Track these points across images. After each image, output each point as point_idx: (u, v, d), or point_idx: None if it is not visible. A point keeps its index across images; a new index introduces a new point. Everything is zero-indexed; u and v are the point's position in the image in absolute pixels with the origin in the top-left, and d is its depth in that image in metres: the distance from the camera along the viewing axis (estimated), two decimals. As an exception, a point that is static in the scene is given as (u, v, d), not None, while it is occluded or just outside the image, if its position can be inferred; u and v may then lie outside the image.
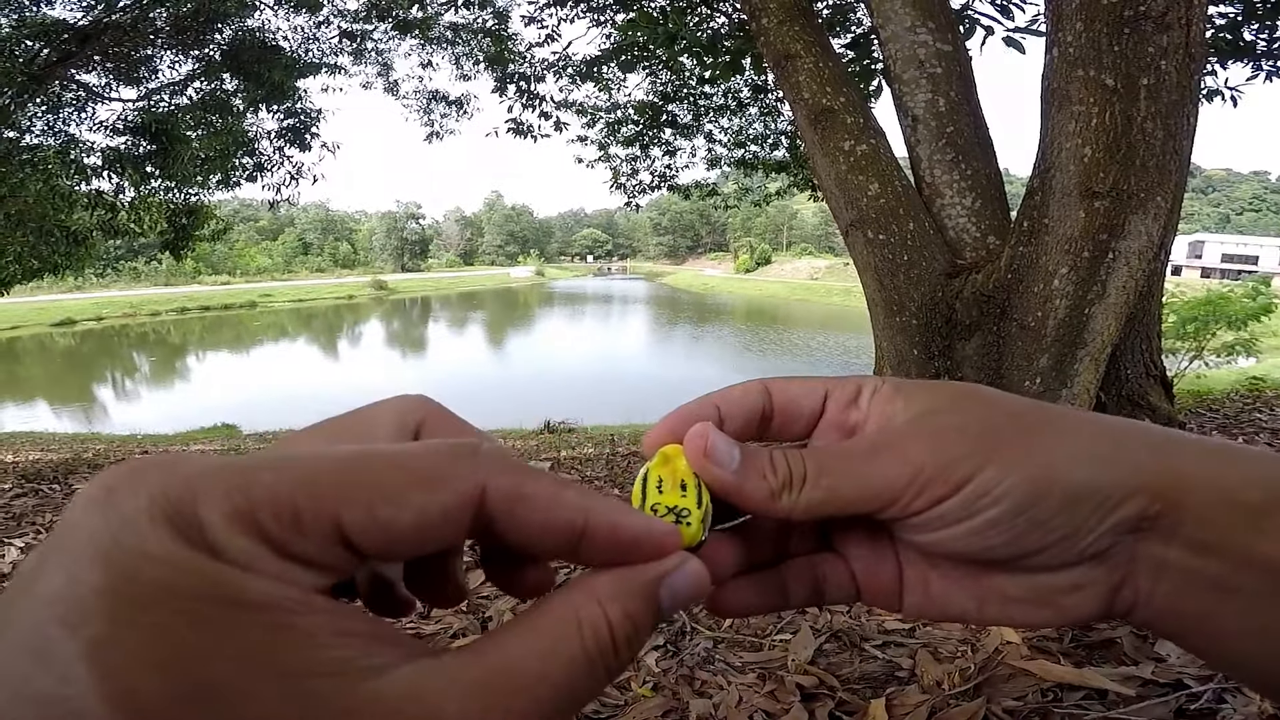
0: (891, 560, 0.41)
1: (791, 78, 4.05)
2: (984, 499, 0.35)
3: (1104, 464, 0.35)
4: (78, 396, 25.56)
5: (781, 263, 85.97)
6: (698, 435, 0.38)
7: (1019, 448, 0.36)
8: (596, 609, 0.28)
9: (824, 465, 0.37)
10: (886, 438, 0.38)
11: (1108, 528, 0.35)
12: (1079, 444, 0.36)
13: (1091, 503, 0.35)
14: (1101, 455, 0.36)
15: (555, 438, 8.63)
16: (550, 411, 11.35)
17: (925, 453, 0.36)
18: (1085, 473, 0.35)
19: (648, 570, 0.30)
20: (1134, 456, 0.36)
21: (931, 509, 0.36)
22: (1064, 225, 3.14)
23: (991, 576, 0.38)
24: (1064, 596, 0.37)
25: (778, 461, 0.37)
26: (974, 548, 0.36)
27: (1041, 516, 0.35)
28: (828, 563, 0.42)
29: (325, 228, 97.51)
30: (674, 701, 1.83)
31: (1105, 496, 0.35)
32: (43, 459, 7.25)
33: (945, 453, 0.36)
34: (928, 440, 0.37)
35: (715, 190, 12.73)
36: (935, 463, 0.36)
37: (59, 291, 50.00)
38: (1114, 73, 2.94)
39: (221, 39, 8.95)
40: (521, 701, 0.25)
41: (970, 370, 3.53)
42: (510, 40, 10.47)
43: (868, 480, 0.36)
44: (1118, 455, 0.36)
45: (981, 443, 0.36)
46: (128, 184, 8.96)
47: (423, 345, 41.92)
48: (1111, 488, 0.35)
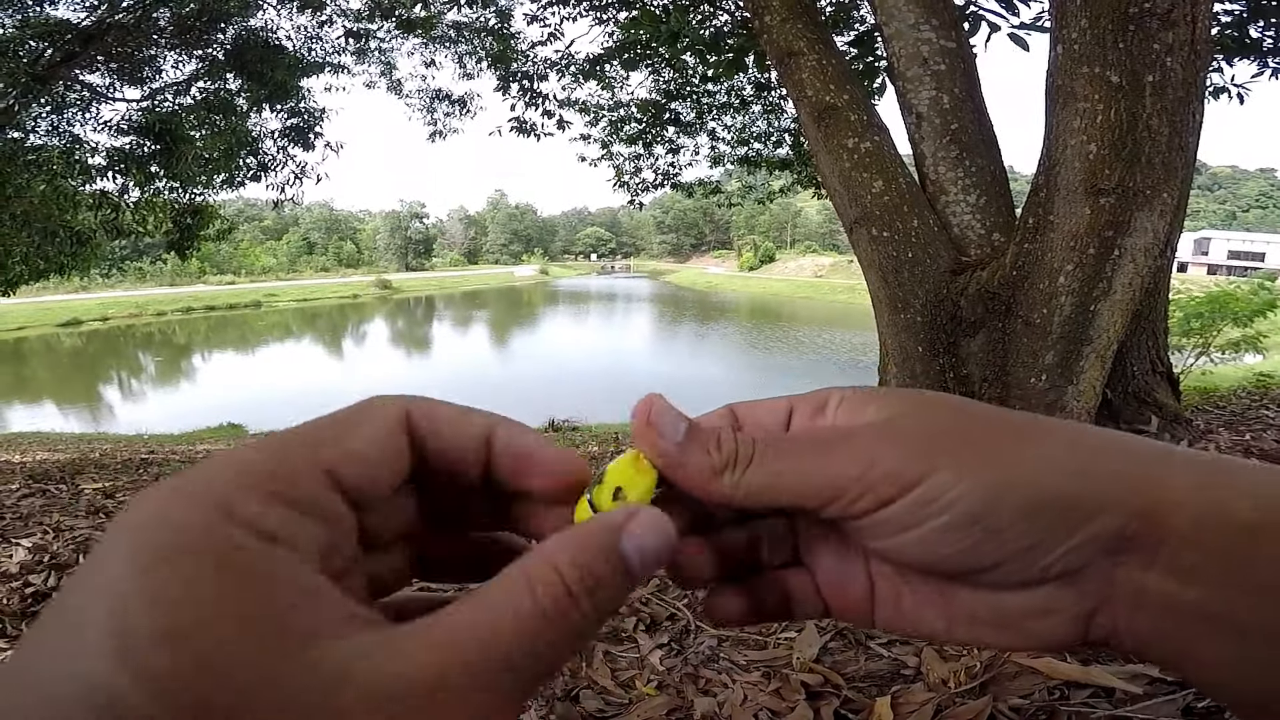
0: (861, 574, 0.39)
1: (794, 75, 4.05)
2: (933, 504, 0.33)
3: (1073, 474, 0.33)
4: (84, 397, 25.65)
5: (785, 260, 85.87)
6: (643, 402, 0.37)
7: (978, 452, 0.34)
8: (545, 566, 0.28)
9: (772, 450, 0.36)
10: (841, 433, 0.37)
11: (1075, 545, 0.32)
12: (1047, 451, 0.34)
13: (1053, 514, 0.32)
14: (1071, 465, 0.33)
15: (559, 436, 8.63)
16: (554, 410, 11.39)
17: (876, 450, 0.34)
18: (1049, 481, 0.33)
19: (601, 524, 0.31)
20: (1109, 467, 0.33)
21: (878, 510, 0.34)
22: (1069, 222, 3.14)
23: (958, 594, 0.36)
24: (1031, 620, 0.35)
25: (724, 438, 0.36)
26: (925, 557, 0.35)
27: (996, 526, 0.33)
28: (795, 577, 0.41)
29: (329, 227, 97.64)
30: (678, 700, 1.82)
31: (1070, 509, 0.32)
32: (50, 459, 7.28)
33: (897, 453, 0.34)
34: (881, 439, 0.35)
35: (719, 188, 12.72)
36: (885, 462, 0.34)
37: (65, 292, 50.14)
38: (1119, 69, 2.93)
39: (225, 38, 8.97)
40: (478, 656, 0.26)
41: (975, 367, 3.53)
42: (513, 39, 10.47)
43: (813, 471, 0.35)
44: (1090, 465, 0.33)
45: (937, 445, 0.34)
46: (132, 184, 8.99)
47: (427, 344, 41.96)
48: (1079, 500, 0.32)
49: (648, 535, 0.30)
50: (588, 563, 0.29)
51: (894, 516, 0.34)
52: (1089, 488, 0.33)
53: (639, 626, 2.25)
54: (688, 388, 21.75)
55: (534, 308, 60.65)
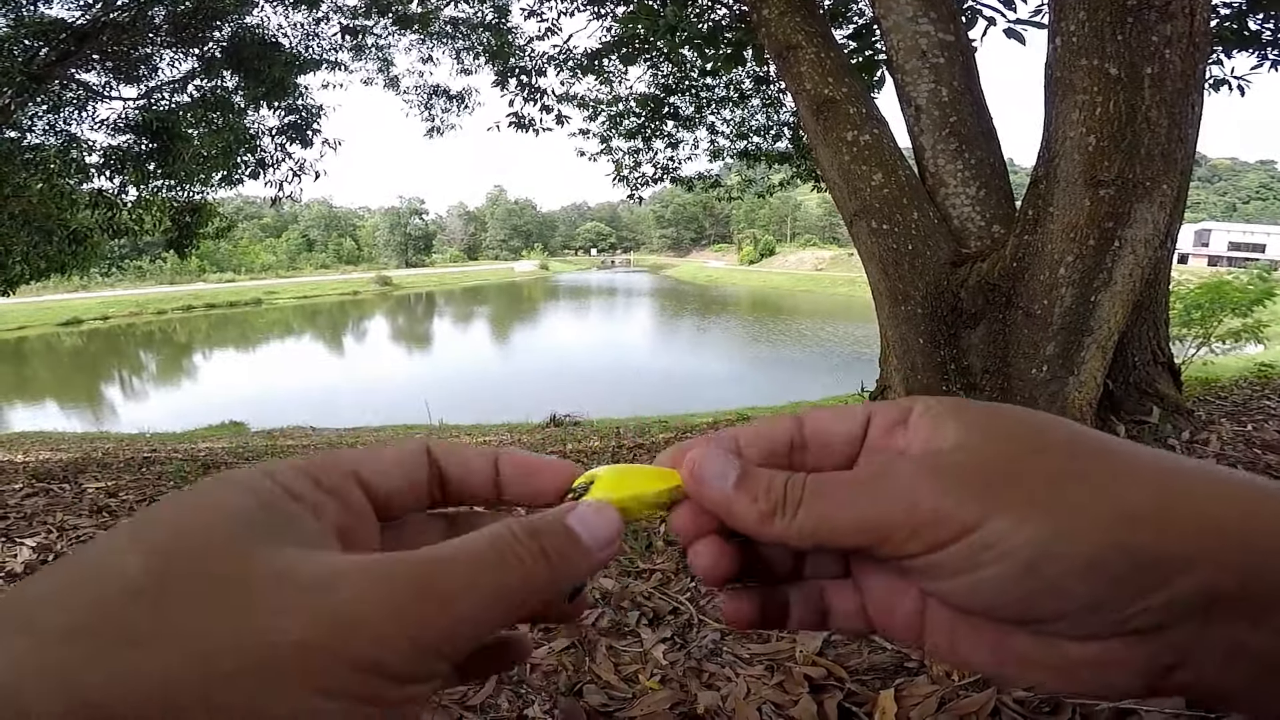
0: (914, 597, 0.38)
1: (793, 69, 4.04)
2: (987, 552, 0.31)
3: (1151, 523, 0.29)
4: (86, 396, 25.68)
5: (785, 254, 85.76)
6: (688, 459, 0.38)
7: (1041, 494, 0.31)
8: (500, 527, 0.32)
9: (821, 491, 0.35)
10: (895, 467, 0.35)
11: (1152, 605, 0.29)
12: (1122, 493, 0.30)
13: (1125, 570, 0.29)
14: (1149, 510, 0.30)
15: (561, 431, 8.64)
16: (556, 405, 11.39)
17: (927, 490, 0.33)
18: (1122, 532, 0.29)
19: (554, 510, 0.35)
20: (1196, 512, 0.29)
21: (928, 554, 0.32)
22: (1069, 213, 3.14)
23: (1014, 635, 0.33)
24: (1095, 669, 0.32)
25: (773, 483, 0.36)
26: (978, 604, 0.33)
27: (1056, 580, 0.30)
28: (839, 591, 0.40)
29: (329, 224, 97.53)
30: (682, 694, 1.83)
31: (1147, 565, 0.29)
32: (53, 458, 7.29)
33: (950, 493, 0.32)
34: (935, 476, 0.33)
35: (718, 182, 12.71)
36: (936, 503, 0.32)
37: (64, 291, 50.08)
38: (1118, 62, 2.93)
39: (221, 36, 8.94)
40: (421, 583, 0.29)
41: (976, 358, 3.53)
42: (510, 34, 10.44)
43: (861, 512, 0.34)
44: (1173, 512, 0.30)
45: (995, 484, 0.32)
46: (129, 183, 8.98)
47: (428, 341, 41.97)
48: (1158, 555, 0.29)
49: (592, 514, 0.35)
50: (540, 528, 0.33)
51: (945, 561, 0.32)
52: (1170, 540, 0.29)
53: (642, 621, 2.25)
54: (689, 382, 21.75)
55: (534, 303, 60.65)
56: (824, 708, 1.69)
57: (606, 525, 0.35)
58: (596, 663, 2.02)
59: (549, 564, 0.32)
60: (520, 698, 1.87)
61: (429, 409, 13.18)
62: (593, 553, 0.34)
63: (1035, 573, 0.30)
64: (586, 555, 0.34)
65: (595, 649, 2.10)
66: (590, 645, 2.13)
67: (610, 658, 2.06)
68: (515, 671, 1.96)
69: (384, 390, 21.68)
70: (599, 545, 0.34)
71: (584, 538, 0.34)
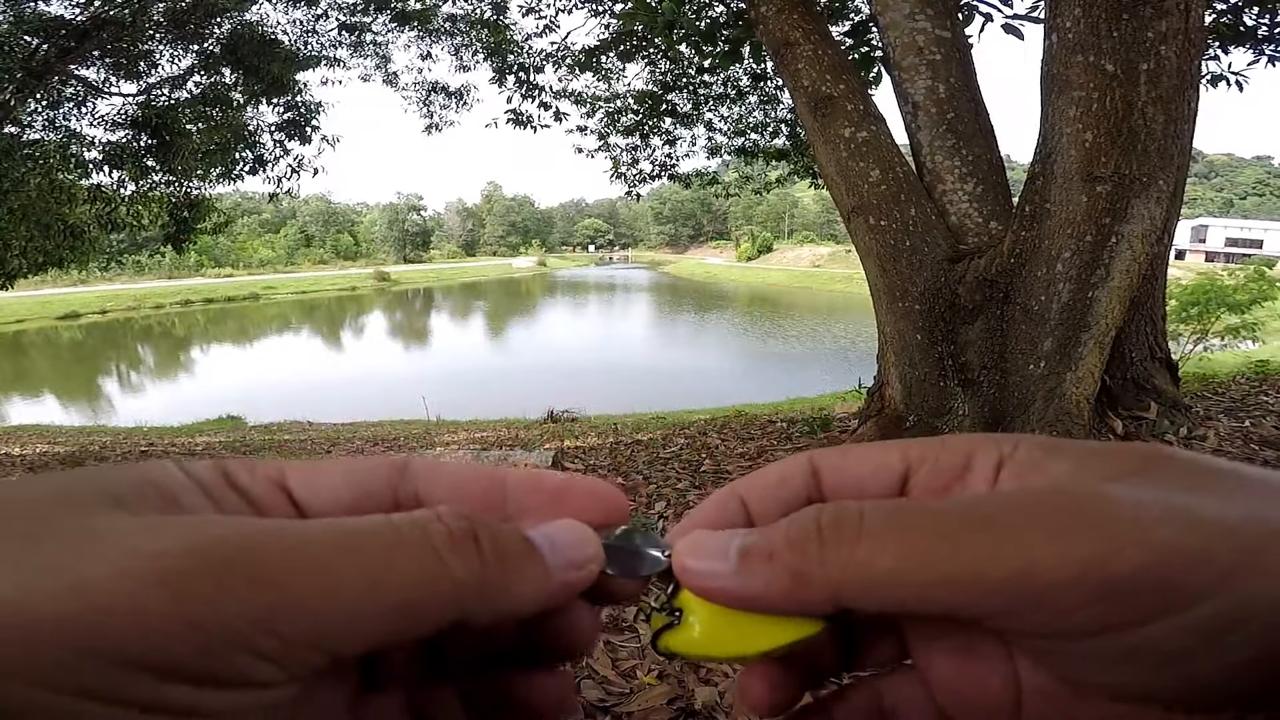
0: (1003, 675, 0.27)
1: (791, 65, 4.05)
2: (1224, 633, 0.22)
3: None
4: (83, 389, 25.63)
5: (783, 250, 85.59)
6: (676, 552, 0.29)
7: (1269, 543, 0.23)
8: (427, 510, 0.26)
9: (901, 521, 0.25)
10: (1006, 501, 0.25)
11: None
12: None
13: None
14: None
15: (559, 427, 8.64)
16: (554, 401, 11.38)
17: (1138, 528, 0.23)
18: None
19: (508, 524, 0.28)
20: None
21: (1107, 634, 0.23)
22: (1066, 209, 3.15)
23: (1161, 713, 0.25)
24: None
25: (797, 524, 0.26)
26: (1129, 683, 0.24)
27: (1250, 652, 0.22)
28: (897, 684, 0.31)
29: (327, 220, 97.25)
30: (679, 689, 1.84)
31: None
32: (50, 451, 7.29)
33: (1157, 548, 0.23)
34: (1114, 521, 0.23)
35: (716, 179, 12.69)
36: (1132, 555, 0.22)
37: (63, 285, 49.99)
38: (1114, 58, 2.93)
39: (220, 33, 8.93)
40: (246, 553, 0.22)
41: (974, 354, 3.54)
42: (508, 31, 10.43)
43: (985, 560, 0.23)
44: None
45: (1236, 541, 0.23)
46: (128, 178, 8.98)
47: (426, 336, 41.90)
48: None
49: (559, 530, 0.28)
50: (490, 521, 0.26)
51: (1136, 644, 0.23)
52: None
53: (639, 617, 2.26)
54: (687, 378, 21.74)
55: (532, 298, 60.55)
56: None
57: (580, 544, 0.28)
58: (594, 658, 2.03)
59: (479, 561, 0.25)
60: (518, 691, 1.88)
61: (426, 404, 13.18)
62: (551, 573, 0.27)
63: (1222, 638, 0.22)
64: (542, 570, 0.26)
65: (593, 643, 2.11)
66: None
67: (608, 653, 2.07)
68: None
69: (381, 385, 21.65)
70: (563, 564, 0.27)
71: (545, 551, 0.27)
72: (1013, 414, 3.45)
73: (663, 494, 3.78)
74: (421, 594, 0.24)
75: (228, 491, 0.27)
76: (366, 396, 18.70)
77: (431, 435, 8.62)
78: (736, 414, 7.60)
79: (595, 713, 1.79)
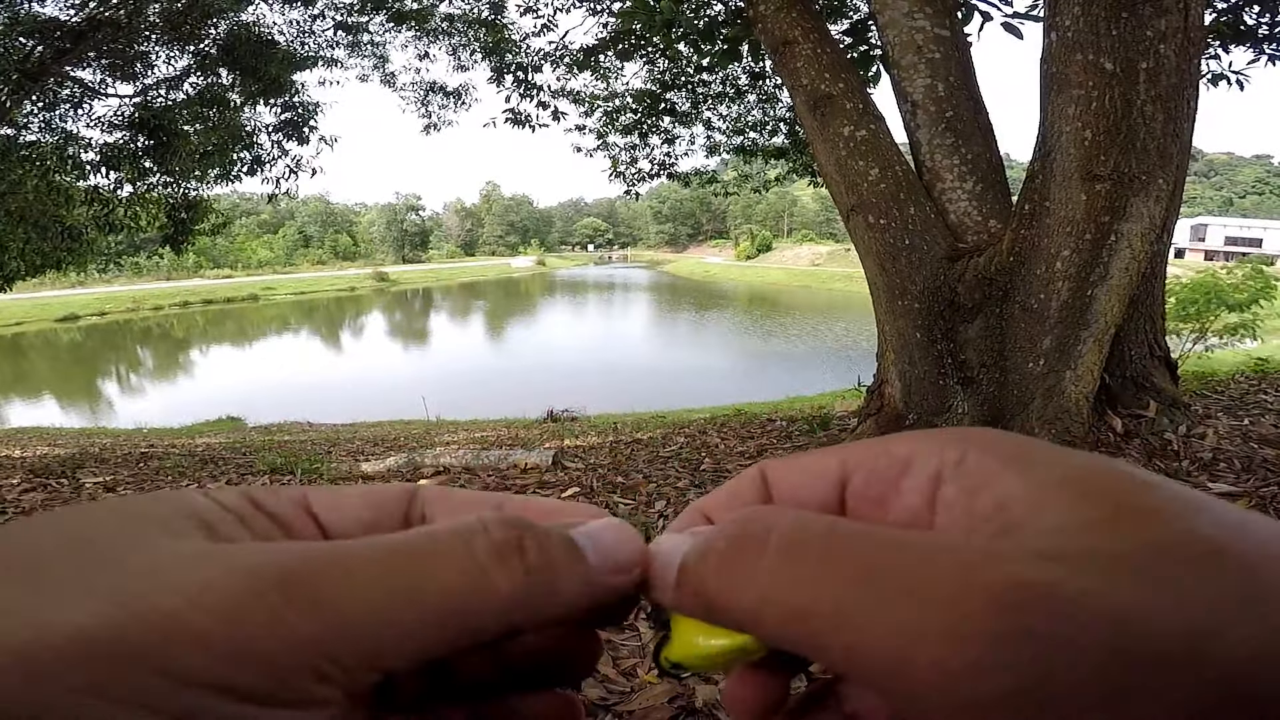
0: None
1: (790, 64, 4.05)
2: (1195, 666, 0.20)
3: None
4: (83, 391, 25.65)
5: (782, 249, 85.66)
6: None
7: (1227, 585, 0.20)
8: (471, 518, 0.26)
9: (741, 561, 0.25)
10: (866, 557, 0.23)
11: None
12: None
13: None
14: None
15: (559, 426, 8.64)
16: (553, 400, 11.39)
17: None
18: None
19: (554, 524, 0.28)
20: None
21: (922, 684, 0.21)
22: (1065, 208, 3.15)
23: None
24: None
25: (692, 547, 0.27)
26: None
27: None
28: (859, 693, 0.30)
29: (325, 220, 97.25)
30: (680, 687, 1.84)
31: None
32: (50, 453, 7.27)
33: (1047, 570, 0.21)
34: None
35: (715, 177, 12.70)
36: None
37: (61, 287, 49.96)
38: (1113, 56, 2.93)
39: (217, 34, 8.93)
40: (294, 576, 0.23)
41: (973, 353, 3.54)
42: (506, 30, 10.42)
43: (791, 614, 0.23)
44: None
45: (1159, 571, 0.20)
46: (125, 179, 8.98)
47: (425, 336, 41.92)
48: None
49: (606, 531, 0.28)
50: (531, 525, 0.26)
51: None
52: None
53: (640, 615, 2.25)
54: (687, 377, 21.76)
55: (531, 298, 60.59)
56: (821, 700, 1.70)
57: (624, 545, 0.28)
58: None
59: (524, 571, 0.25)
60: (519, 692, 1.88)
61: (426, 404, 13.19)
62: (594, 574, 0.26)
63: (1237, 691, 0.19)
64: (586, 576, 0.26)
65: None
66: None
67: (609, 651, 2.07)
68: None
69: (381, 385, 21.68)
70: (608, 568, 0.27)
71: (589, 554, 0.26)
72: (1012, 412, 3.45)
73: (663, 493, 3.78)
74: (467, 606, 0.24)
75: (257, 515, 0.28)
76: (366, 397, 18.73)
77: (431, 435, 8.61)
78: (736, 413, 7.60)
79: (597, 711, 1.79)
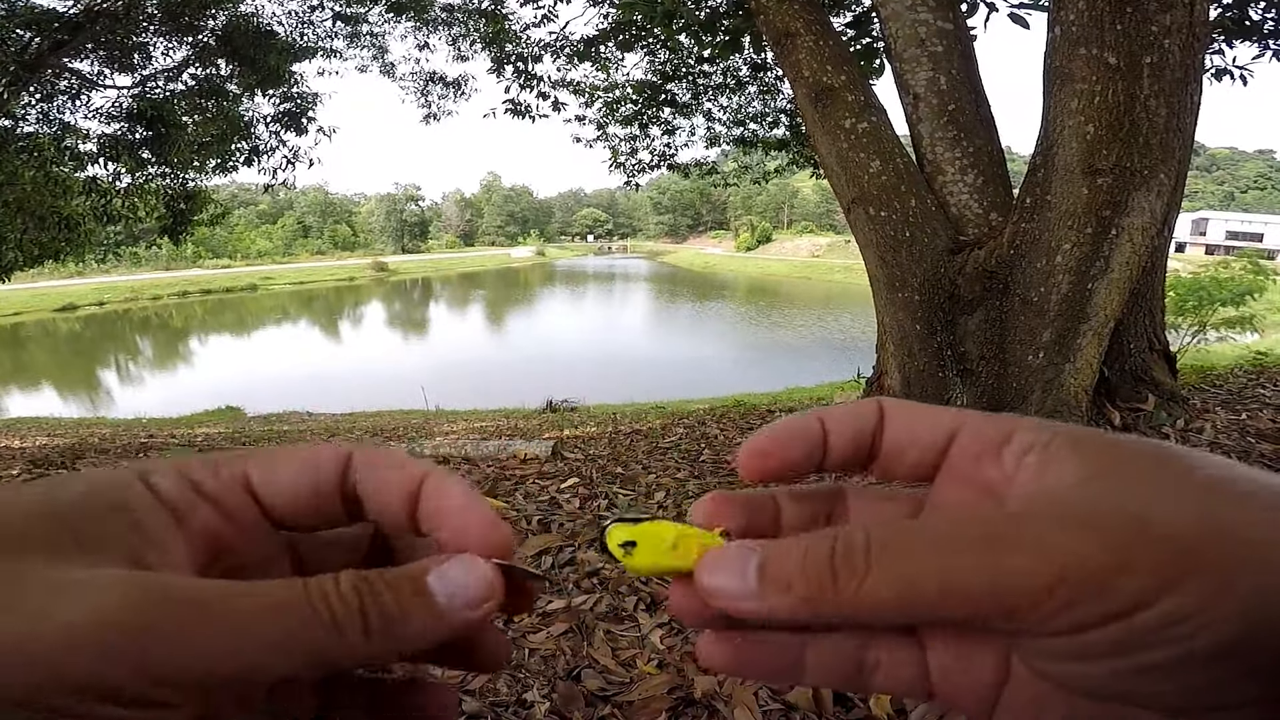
0: (994, 663, 0.30)
1: (791, 56, 4.03)
2: (1174, 628, 0.23)
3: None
4: (82, 381, 25.64)
5: (782, 240, 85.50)
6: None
7: (1238, 556, 0.23)
8: (327, 577, 0.28)
9: (899, 547, 0.27)
10: (1012, 520, 0.27)
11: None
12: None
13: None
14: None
15: (558, 417, 8.64)
16: (553, 391, 11.38)
17: (1075, 548, 0.24)
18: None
19: (415, 565, 0.30)
20: None
21: (1075, 634, 0.25)
22: (1067, 201, 3.14)
23: (1139, 717, 0.26)
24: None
25: (812, 553, 0.28)
26: (1126, 690, 0.25)
27: (1258, 663, 0.23)
28: (891, 647, 0.32)
29: (324, 211, 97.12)
30: (679, 679, 1.85)
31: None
32: (50, 444, 7.28)
33: (1119, 549, 0.24)
34: (1085, 530, 0.25)
35: (715, 169, 12.66)
36: (1092, 564, 0.24)
37: (60, 277, 49.91)
38: (1117, 51, 2.93)
39: (215, 25, 8.91)
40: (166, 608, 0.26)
41: (973, 345, 3.54)
42: (506, 21, 10.38)
43: (972, 575, 0.25)
44: None
45: (1178, 544, 0.24)
46: (123, 170, 8.96)
47: (424, 326, 41.90)
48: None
49: (460, 571, 0.30)
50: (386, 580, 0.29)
51: (1100, 641, 0.24)
52: None
53: (639, 606, 2.27)
54: (686, 368, 21.76)
55: (531, 288, 60.53)
56: (819, 691, 1.71)
57: (476, 585, 0.30)
58: (594, 647, 2.04)
59: (363, 631, 0.27)
60: (519, 682, 1.89)
61: (425, 395, 13.19)
62: (445, 613, 0.29)
63: (1230, 656, 0.23)
64: (437, 615, 0.29)
65: (593, 634, 2.12)
66: (588, 630, 2.14)
67: (608, 642, 2.08)
68: (514, 656, 1.98)
69: (380, 375, 21.67)
70: (461, 605, 0.29)
71: (439, 597, 0.29)
72: (1011, 404, 3.46)
73: (661, 483, 3.79)
74: (321, 651, 0.27)
75: (196, 502, 0.31)
76: (365, 387, 18.70)
77: (431, 425, 8.61)
78: (736, 404, 7.61)
79: (596, 702, 1.80)
